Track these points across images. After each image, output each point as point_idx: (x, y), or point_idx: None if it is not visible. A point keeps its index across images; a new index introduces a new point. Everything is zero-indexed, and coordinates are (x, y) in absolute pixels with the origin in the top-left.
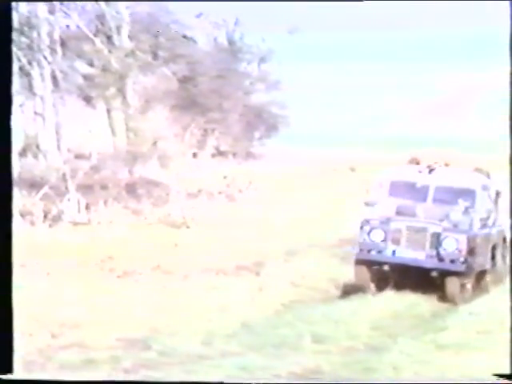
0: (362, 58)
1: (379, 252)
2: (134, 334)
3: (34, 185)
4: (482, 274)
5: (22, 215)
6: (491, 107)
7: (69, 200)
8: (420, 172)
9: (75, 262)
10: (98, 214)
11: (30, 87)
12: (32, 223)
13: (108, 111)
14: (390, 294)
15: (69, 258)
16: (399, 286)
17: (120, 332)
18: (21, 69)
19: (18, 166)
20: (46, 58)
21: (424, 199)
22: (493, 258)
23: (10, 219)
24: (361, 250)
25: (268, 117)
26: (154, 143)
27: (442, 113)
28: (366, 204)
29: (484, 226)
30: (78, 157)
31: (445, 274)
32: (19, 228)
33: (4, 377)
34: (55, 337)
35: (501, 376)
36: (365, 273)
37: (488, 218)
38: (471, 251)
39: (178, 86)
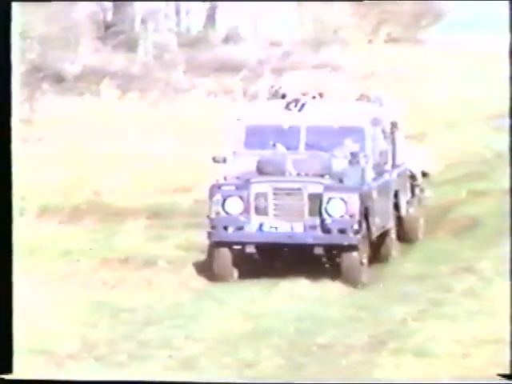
0: None
1: (239, 229)
2: None
3: (235, 68)
4: (383, 235)
5: (226, 93)
6: None
7: (264, 81)
8: (288, 109)
9: None
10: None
11: None
12: (233, 99)
13: (297, 4)
14: None
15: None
16: (271, 273)
17: None
18: None
19: (222, 51)
20: None
21: (296, 147)
22: (396, 207)
23: None
24: (214, 227)
25: (433, 7)
26: (335, 31)
27: None
28: (214, 160)
29: (381, 172)
30: (272, 44)
31: (333, 249)
32: (223, 103)
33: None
34: None
35: (502, 376)
36: (225, 257)
37: (386, 161)
38: (366, 212)
39: None
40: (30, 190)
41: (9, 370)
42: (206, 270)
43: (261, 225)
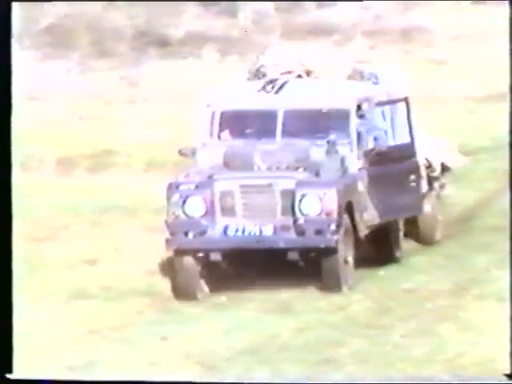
0: None
1: (202, 233)
2: None
3: (328, 31)
4: (386, 232)
5: None
6: None
7: (356, 43)
8: (265, 91)
9: None
10: (379, 54)
11: None
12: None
13: None
14: None
15: None
16: (240, 284)
17: None
18: None
19: (316, 16)
20: None
21: (273, 135)
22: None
23: None
24: (172, 233)
25: None
26: None
27: None
28: (181, 153)
29: (377, 161)
30: (363, 8)
31: (310, 253)
32: None
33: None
34: None
35: (509, 376)
36: (190, 266)
37: (380, 148)
38: (350, 208)
39: None
40: (136, 148)
41: (9, 370)
42: None
43: (225, 228)
